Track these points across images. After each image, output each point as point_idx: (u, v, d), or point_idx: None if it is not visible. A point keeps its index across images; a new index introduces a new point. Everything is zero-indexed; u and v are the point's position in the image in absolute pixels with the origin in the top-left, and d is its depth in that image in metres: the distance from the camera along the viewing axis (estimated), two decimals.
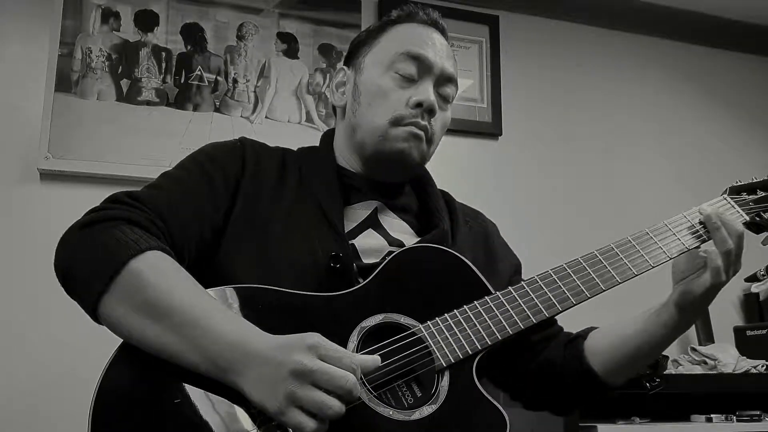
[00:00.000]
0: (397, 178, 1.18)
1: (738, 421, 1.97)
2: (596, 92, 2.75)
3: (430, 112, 1.12)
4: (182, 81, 2.20)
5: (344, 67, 1.22)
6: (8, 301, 1.95)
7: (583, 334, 1.16)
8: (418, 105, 1.11)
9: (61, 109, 2.05)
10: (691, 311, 1.06)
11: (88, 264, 0.91)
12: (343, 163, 1.18)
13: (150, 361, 0.88)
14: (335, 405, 0.80)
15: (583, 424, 1.83)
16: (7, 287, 1.95)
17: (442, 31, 1.20)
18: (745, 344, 2.42)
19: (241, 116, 2.25)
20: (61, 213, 2.05)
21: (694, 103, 2.89)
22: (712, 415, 1.97)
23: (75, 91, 2.08)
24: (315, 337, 0.83)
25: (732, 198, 1.15)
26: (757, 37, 3.00)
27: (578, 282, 1.04)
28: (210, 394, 0.86)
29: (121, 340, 0.91)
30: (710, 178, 2.70)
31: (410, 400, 0.94)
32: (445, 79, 1.15)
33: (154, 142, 2.12)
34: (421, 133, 1.11)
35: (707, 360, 2.21)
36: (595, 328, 1.17)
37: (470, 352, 0.96)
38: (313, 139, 1.25)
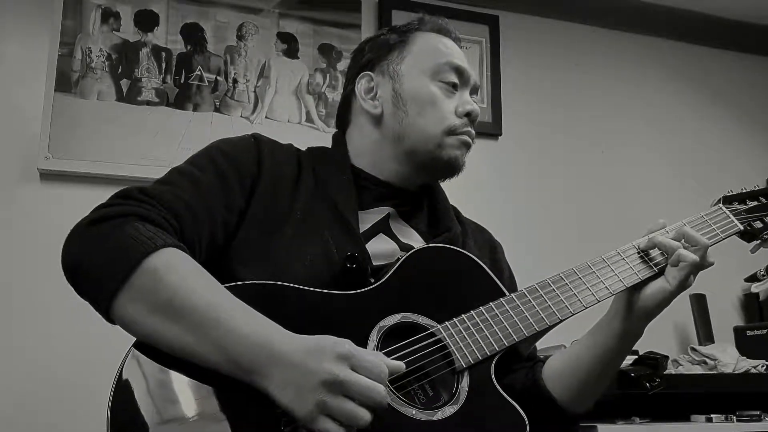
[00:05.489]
0: (437, 180, 1.22)
1: (738, 421, 1.96)
2: (596, 92, 2.75)
3: (474, 120, 1.18)
4: (182, 81, 2.20)
5: (369, 72, 1.20)
6: (8, 301, 1.95)
7: (544, 359, 1.15)
8: (467, 115, 1.16)
9: (61, 109, 2.05)
10: (644, 316, 1.05)
11: (100, 262, 0.88)
12: (362, 166, 1.17)
13: (168, 359, 0.86)
14: (365, 416, 0.80)
15: (583, 424, 1.82)
16: (6, 287, 1.95)
17: (457, 41, 1.23)
18: (745, 344, 2.41)
19: (241, 116, 2.25)
20: (61, 213, 2.05)
21: (694, 103, 2.89)
22: (712, 415, 1.97)
23: (75, 91, 2.08)
24: (347, 346, 0.83)
25: (726, 207, 1.16)
26: (757, 37, 3.00)
27: (587, 285, 1.05)
28: (233, 393, 0.85)
29: (130, 339, 0.90)
30: (710, 178, 2.70)
31: (432, 401, 0.94)
32: (474, 90, 1.21)
33: (154, 142, 2.12)
34: (471, 141, 1.18)
35: (707, 360, 2.21)
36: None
37: (489, 354, 0.97)
38: (313, 139, 1.25)
